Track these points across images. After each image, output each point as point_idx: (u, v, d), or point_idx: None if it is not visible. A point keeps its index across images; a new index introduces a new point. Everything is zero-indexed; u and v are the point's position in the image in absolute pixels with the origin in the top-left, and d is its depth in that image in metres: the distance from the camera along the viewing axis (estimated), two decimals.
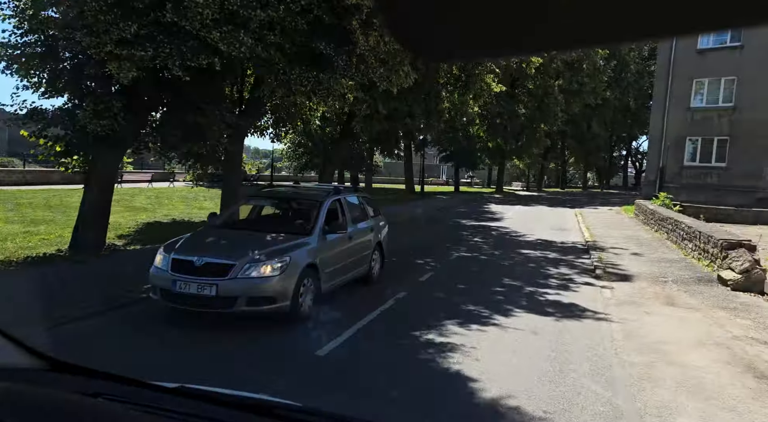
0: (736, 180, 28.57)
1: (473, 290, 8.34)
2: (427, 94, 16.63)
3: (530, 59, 21.58)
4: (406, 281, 8.62)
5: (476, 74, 16.96)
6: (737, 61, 28.27)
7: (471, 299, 7.67)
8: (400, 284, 8.35)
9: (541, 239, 15.02)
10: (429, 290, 8.21)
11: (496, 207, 27.56)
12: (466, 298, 7.71)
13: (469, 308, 7.14)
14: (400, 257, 10.86)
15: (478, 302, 7.40)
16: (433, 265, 10.36)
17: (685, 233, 12.57)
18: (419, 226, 17.41)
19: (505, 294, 8.08)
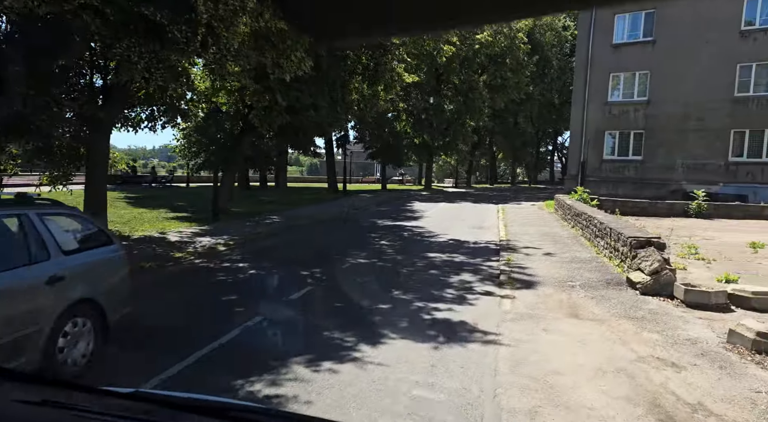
0: (651, 173, 29.11)
1: (350, 309, 6.99)
2: (332, 84, 15.21)
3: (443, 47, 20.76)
4: (270, 301, 7.16)
5: (385, 63, 15.69)
6: (650, 55, 28.75)
7: (341, 322, 6.31)
8: (261, 305, 6.87)
9: (454, 240, 13.98)
10: (294, 312, 6.77)
11: (420, 205, 26.59)
12: (336, 321, 6.34)
13: (333, 335, 5.77)
14: (282, 268, 9.39)
15: (347, 327, 6.05)
16: (318, 276, 8.94)
17: (597, 229, 11.85)
18: (326, 228, 15.98)
19: (388, 313, 6.78)
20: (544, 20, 43.33)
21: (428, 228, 16.57)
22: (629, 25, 29.66)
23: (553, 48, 44.42)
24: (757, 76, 26.41)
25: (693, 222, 17.92)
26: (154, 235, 12.39)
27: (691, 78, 27.43)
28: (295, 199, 24.16)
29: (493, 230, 16.36)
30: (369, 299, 7.44)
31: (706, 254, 11.12)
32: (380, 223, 17.92)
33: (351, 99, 16.28)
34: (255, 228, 14.47)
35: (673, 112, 28.07)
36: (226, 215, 16.66)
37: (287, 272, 9.14)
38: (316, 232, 15.19)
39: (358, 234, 14.68)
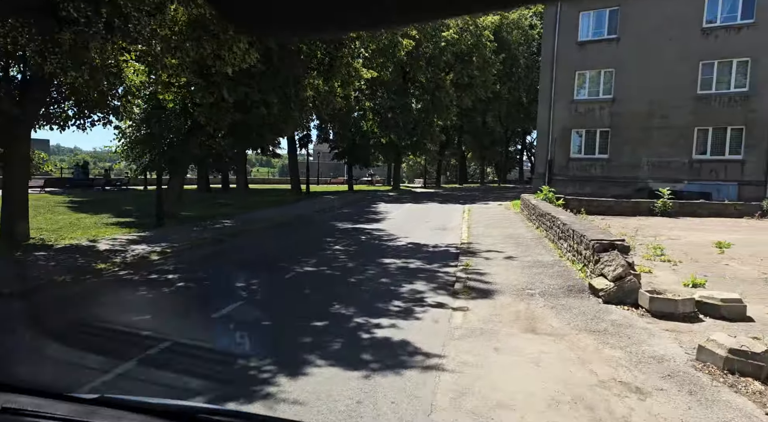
0: (618, 171, 29.02)
1: (278, 329, 6.14)
2: (284, 80, 14.29)
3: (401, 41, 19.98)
4: (188, 321, 6.27)
5: (341, 58, 14.84)
6: (614, 53, 28.64)
7: (264, 345, 5.46)
8: (174, 326, 5.98)
9: (414, 243, 13.25)
10: (210, 334, 5.87)
11: (385, 206, 25.84)
12: (258, 344, 5.50)
13: (249, 364, 4.91)
14: (216, 280, 8.48)
15: (269, 352, 5.20)
16: (254, 289, 8.05)
17: (560, 231, 11.26)
18: (280, 233, 15.07)
19: (321, 332, 5.95)
20: (511, 18, 43.16)
21: (389, 231, 15.81)
22: (594, 23, 29.53)
23: (520, 46, 44.28)
24: (719, 73, 26.51)
25: (658, 221, 17.62)
26: (82, 243, 11.28)
27: (655, 76, 27.42)
28: (253, 202, 23.12)
29: (456, 232, 15.71)
30: (304, 315, 6.60)
31: (672, 256, 10.65)
32: (339, 226, 17.08)
33: (306, 96, 15.38)
34: (201, 234, 13.47)
35: (637, 109, 28.02)
36: (173, 219, 15.59)
37: (221, 283, 8.23)
38: (267, 237, 14.27)
39: (312, 239, 13.80)
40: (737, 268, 9.54)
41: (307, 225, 16.86)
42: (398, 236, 14.54)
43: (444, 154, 55.07)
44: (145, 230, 13.65)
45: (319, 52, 14.91)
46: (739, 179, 26.14)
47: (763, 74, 25.27)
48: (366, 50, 25.81)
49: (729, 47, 25.83)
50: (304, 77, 14.78)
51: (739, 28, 25.62)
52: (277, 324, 6.31)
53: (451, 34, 34.88)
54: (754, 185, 25.69)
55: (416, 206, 26.54)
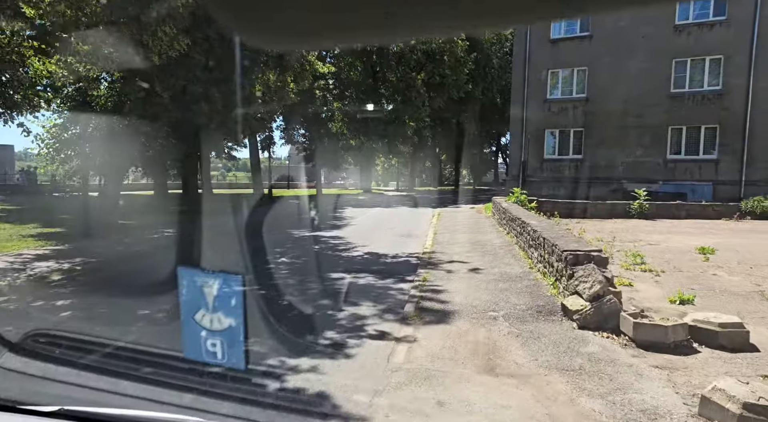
0: (592, 172, 28.23)
1: (163, 374, 4.75)
2: (229, 72, 12.87)
3: None
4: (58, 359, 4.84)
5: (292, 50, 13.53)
6: (587, 51, 27.89)
7: (134, 402, 4.08)
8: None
9: (372, 253, 11.95)
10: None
11: (352, 211, 24.50)
12: (126, 400, 4.11)
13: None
14: (116, 305, 7.03)
15: None
16: (159, 317, 6.61)
17: (531, 238, 10.08)
18: (227, 242, 13.60)
19: (213, 381, 4.58)
20: None
21: (348, 239, 14.48)
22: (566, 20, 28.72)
23: (493, 46, 43.46)
24: (692, 71, 25.94)
25: (636, 224, 16.67)
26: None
27: (628, 74, 26.76)
28: (210, 208, 21.56)
29: (422, 239, 14.47)
30: None
31: (653, 264, 9.56)
32: (295, 234, 15.69)
33: (253, 90, 13.97)
34: (131, 246, 11.94)
35: (611, 109, 27.32)
36: (106, 229, 14.01)
37: (119, 310, 6.78)
38: (209, 248, 12.79)
39: (258, 250, 12.38)
40: (726, 279, 8.46)
41: (258, 234, 15.41)
42: (356, 245, 13.22)
43: (419, 156, 54.01)
44: (66, 242, 12.06)
45: None
46: (713, 179, 25.57)
47: (736, 72, 24.75)
48: None
49: (702, 45, 25.27)
50: (252, 70, 13.37)
51: (712, 25, 25.07)
52: (162, 367, 4.89)
53: None
54: (729, 185, 25.13)
55: (385, 211, 25.27)
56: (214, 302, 1.64)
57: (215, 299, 1.64)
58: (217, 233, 14.66)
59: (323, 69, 15.98)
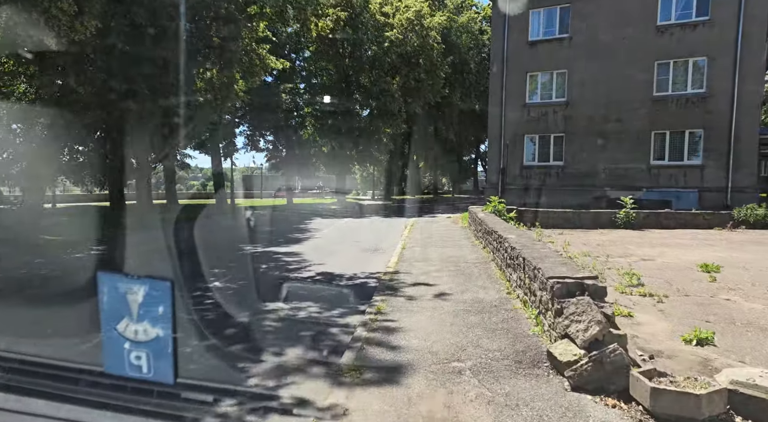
0: (574, 179, 26.98)
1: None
2: (161, 67, 11.10)
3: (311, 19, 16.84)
4: None
5: (234, 39, 11.71)
6: (566, 53, 26.72)
7: None
8: None
9: (326, 273, 10.26)
10: None
11: (319, 222, 22.78)
12: None
13: None
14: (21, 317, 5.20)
15: None
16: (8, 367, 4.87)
17: (509, 256, 8.50)
18: (159, 262, 11.76)
19: None
20: (460, 22, 41.17)
21: (304, 255, 12.76)
22: (545, 21, 27.60)
23: (470, 51, 42.29)
24: (675, 74, 24.93)
25: (623, 235, 15.27)
26: None
27: (609, 77, 25.69)
28: (161, 219, 19.64)
29: (388, 254, 12.83)
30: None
31: (652, 286, 8.05)
32: (245, 250, 13.92)
33: (195, 87, 12.19)
34: (43, 267, 10.07)
35: (592, 113, 26.19)
36: (18, 249, 12.09)
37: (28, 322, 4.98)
38: (138, 267, 10.96)
39: (192, 272, 10.58)
40: (746, 307, 6.97)
41: (203, 250, 13.61)
42: (311, 264, 11.51)
43: (397, 164, 52.55)
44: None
45: (215, 38, 11.80)
46: (699, 185, 24.50)
47: (720, 74, 23.79)
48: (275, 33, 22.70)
49: (685, 46, 24.29)
50: (189, 64, 11.62)
51: (695, 25, 24.11)
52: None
53: (395, 34, 32.38)
54: (715, 192, 24.06)
55: (355, 222, 23.60)
56: (139, 310, 1.55)
57: (140, 307, 1.55)
58: (146, 252, 12.82)
59: (277, 64, 14.22)
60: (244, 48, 12.46)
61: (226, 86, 12.64)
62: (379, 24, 32.56)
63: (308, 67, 33.81)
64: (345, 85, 33.56)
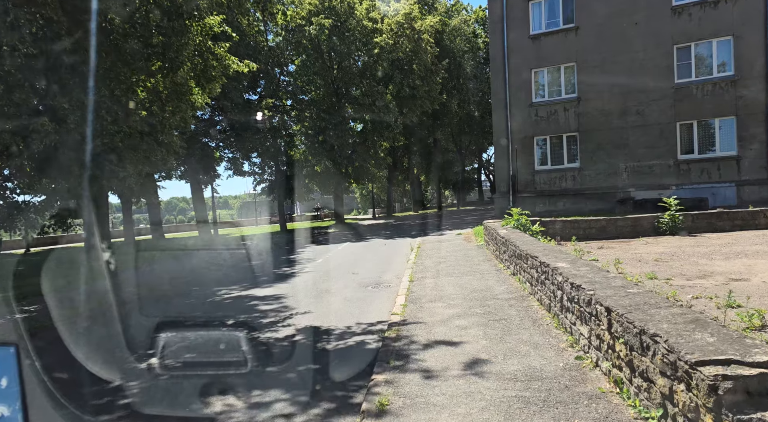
0: (593, 181, 24.36)
1: None
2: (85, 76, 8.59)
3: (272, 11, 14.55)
4: None
5: (179, 33, 9.17)
6: (574, 45, 24.30)
7: None
8: None
9: (312, 329, 7.61)
10: None
11: (313, 250, 20.15)
12: None
13: None
14: None
15: None
16: None
17: (567, 297, 5.83)
18: (104, 321, 9.14)
19: None
20: (453, 25, 38.99)
21: (288, 299, 10.12)
22: (547, 12, 25.25)
23: (465, 55, 40.04)
24: (698, 58, 22.44)
25: (676, 244, 12.55)
26: None
27: (623, 67, 23.26)
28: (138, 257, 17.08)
29: (392, 290, 10.19)
30: None
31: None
32: (218, 295, 11.25)
33: (136, 98, 9.68)
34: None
35: (608, 108, 23.71)
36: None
37: None
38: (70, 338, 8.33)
39: (134, 334, 7.93)
40: None
41: (168, 297, 11.01)
42: (293, 312, 8.86)
43: (397, 179, 50.08)
44: None
45: (156, 36, 9.30)
46: (736, 178, 21.89)
47: (750, 54, 21.34)
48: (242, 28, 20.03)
49: (706, 26, 21.88)
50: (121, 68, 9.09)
51: (716, 2, 21.71)
52: None
53: (385, 40, 30.09)
54: (755, 185, 21.42)
55: (353, 247, 20.96)
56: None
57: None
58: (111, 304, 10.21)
59: (240, 67, 11.77)
60: (195, 47, 10.01)
61: (176, 95, 10.16)
62: (367, 30, 30.32)
63: (294, 81, 31.53)
64: (335, 99, 31.23)
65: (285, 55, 30.67)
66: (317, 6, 28.94)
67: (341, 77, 31.19)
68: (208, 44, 10.56)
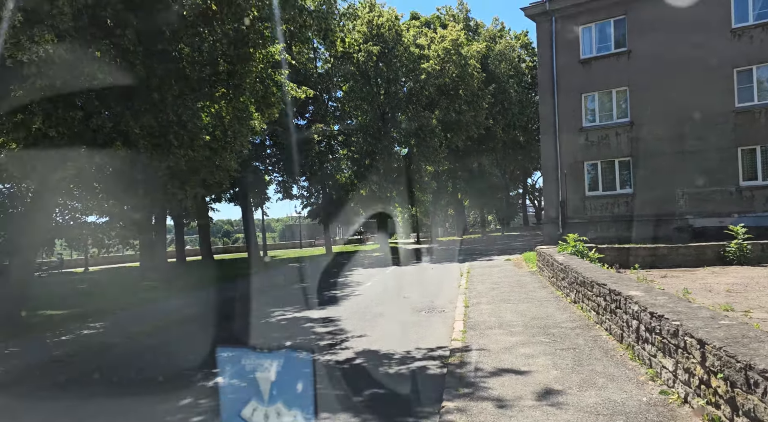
0: (647, 208, 23.49)
1: None
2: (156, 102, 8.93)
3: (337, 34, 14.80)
4: None
5: (244, 59, 9.50)
6: (626, 69, 23.83)
7: None
8: None
9: (370, 353, 7.55)
10: None
11: (361, 273, 20.17)
12: None
13: None
14: None
15: None
16: None
17: (647, 328, 5.55)
18: (167, 340, 9.36)
19: None
20: (497, 50, 39.06)
21: (342, 322, 10.11)
22: (597, 37, 24.94)
23: (510, 79, 39.92)
24: (761, 81, 21.59)
25: (748, 275, 11.89)
26: None
27: (680, 91, 22.55)
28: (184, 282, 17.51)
29: (448, 315, 10.02)
30: None
31: None
32: (271, 317, 11.35)
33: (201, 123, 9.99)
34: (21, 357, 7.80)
35: (663, 133, 22.96)
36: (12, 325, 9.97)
37: None
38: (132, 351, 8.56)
39: (200, 353, 8.07)
40: None
41: (221, 320, 11.21)
42: (349, 335, 8.82)
43: (439, 203, 49.88)
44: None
45: (223, 61, 9.70)
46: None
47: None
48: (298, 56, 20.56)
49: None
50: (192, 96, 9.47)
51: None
52: None
53: (432, 65, 30.39)
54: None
55: (401, 270, 20.85)
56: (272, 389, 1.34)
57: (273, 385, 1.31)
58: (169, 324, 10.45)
59: (298, 93, 12.07)
60: (257, 74, 10.38)
61: (238, 120, 10.53)
62: (413, 56, 30.72)
63: (342, 107, 32.16)
64: (381, 124, 31.61)
65: (333, 81, 31.40)
66: (366, 34, 29.66)
67: (388, 102, 31.61)
68: (269, 71, 10.95)
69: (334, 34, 16.18)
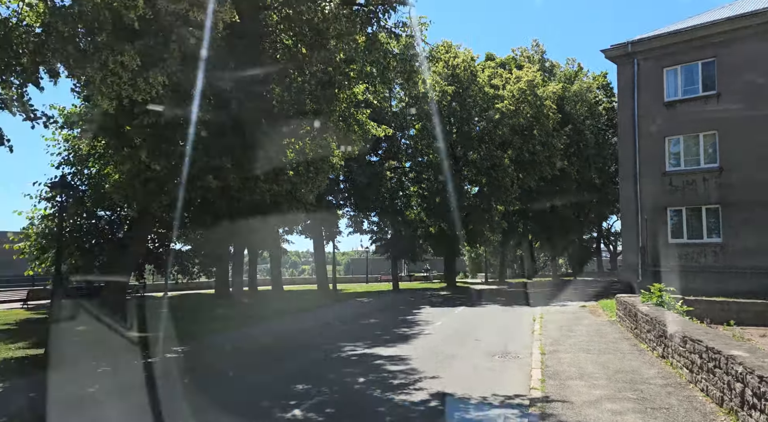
0: (738, 259, 21.80)
1: None
2: (249, 134, 9.50)
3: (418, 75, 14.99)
4: None
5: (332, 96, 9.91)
6: (714, 112, 22.68)
7: None
8: None
9: (443, 396, 7.41)
10: None
11: (429, 312, 19.93)
12: None
13: None
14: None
15: None
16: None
17: (751, 391, 5.12)
18: (243, 370, 9.65)
19: None
20: (573, 90, 38.42)
21: (413, 362, 10.01)
22: (683, 79, 24.02)
23: (586, 120, 38.97)
24: None
25: None
26: None
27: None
28: (256, 311, 18.04)
29: (524, 362, 9.68)
30: None
31: None
32: (342, 352, 11.44)
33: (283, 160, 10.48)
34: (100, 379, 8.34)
35: (755, 179, 21.46)
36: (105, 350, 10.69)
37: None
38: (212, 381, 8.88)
39: (266, 387, 8.24)
40: None
41: (293, 352, 11.42)
42: (422, 376, 8.71)
43: (509, 244, 48.72)
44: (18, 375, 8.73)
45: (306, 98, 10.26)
46: None
47: None
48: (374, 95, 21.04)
49: None
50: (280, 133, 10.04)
51: None
52: None
53: (506, 106, 30.36)
54: None
55: (470, 311, 20.43)
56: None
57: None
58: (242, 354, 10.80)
59: (378, 131, 12.47)
60: (341, 113, 10.86)
61: (320, 157, 11.01)
62: (488, 96, 30.88)
63: (414, 145, 32.67)
64: (452, 162, 31.73)
65: (407, 119, 32.06)
66: (442, 74, 30.24)
67: (460, 141, 31.76)
68: (352, 110, 11.44)
69: (417, 76, 16.58)
